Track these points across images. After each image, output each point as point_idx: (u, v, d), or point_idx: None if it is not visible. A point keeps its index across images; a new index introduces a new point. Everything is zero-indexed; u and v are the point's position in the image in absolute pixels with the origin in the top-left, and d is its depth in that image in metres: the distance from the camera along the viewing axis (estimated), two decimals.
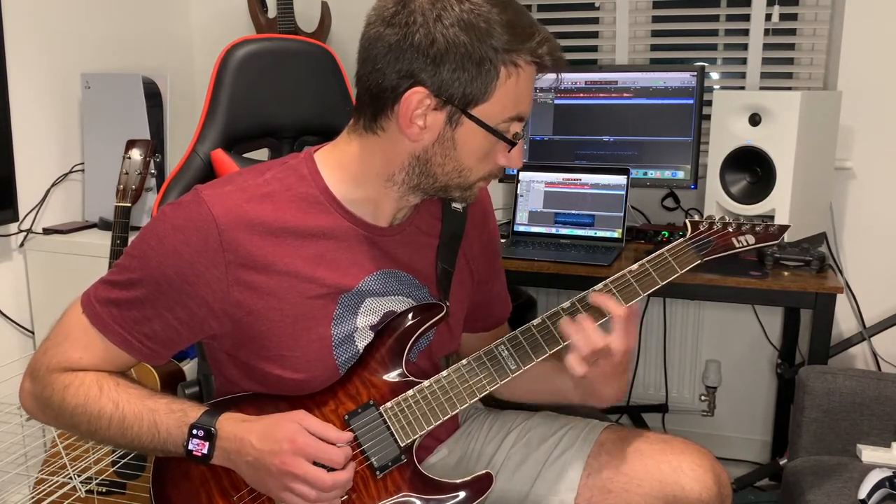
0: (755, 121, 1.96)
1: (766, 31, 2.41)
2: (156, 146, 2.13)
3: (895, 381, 1.71)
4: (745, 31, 2.44)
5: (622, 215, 2.15)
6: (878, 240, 2.30)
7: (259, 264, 1.06)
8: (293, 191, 1.09)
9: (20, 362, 2.06)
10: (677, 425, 2.60)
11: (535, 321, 1.16)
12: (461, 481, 1.12)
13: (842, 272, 2.31)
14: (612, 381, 1.14)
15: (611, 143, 2.31)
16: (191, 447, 1.04)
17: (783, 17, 2.39)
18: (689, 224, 1.25)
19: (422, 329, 1.15)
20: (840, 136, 2.12)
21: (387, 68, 1.01)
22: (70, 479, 1.76)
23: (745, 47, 2.45)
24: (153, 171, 2.09)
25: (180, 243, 1.04)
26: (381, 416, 1.11)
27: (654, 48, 2.56)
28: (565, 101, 2.35)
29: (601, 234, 2.16)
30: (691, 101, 2.22)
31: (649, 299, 2.54)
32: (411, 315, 1.15)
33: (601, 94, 2.31)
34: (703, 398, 2.57)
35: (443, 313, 1.16)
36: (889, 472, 1.50)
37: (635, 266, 1.18)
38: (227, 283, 1.05)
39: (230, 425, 1.04)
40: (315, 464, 1.00)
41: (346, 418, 1.10)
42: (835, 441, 1.72)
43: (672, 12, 2.52)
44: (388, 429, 1.10)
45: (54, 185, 2.28)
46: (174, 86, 2.38)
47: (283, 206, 1.08)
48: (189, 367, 1.86)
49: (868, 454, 1.64)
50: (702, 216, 2.18)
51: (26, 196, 2.19)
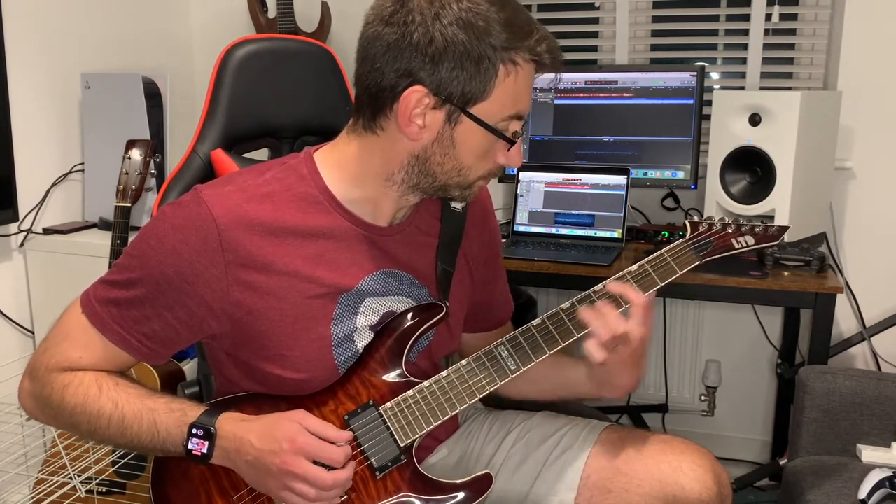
0: (755, 121, 1.96)
1: (766, 31, 2.41)
2: (156, 146, 2.13)
3: (895, 381, 1.71)
4: (745, 31, 2.44)
5: (622, 215, 2.14)
6: (878, 240, 2.30)
7: (259, 264, 1.06)
8: (293, 191, 1.09)
9: (20, 362, 2.06)
10: (677, 425, 2.60)
11: (535, 321, 1.16)
12: (461, 481, 1.12)
13: (842, 272, 2.31)
14: (630, 368, 1.14)
15: (611, 143, 2.31)
16: (190, 446, 1.04)
17: (783, 17, 2.39)
18: (688, 225, 1.25)
19: (421, 329, 1.15)
20: (840, 136, 2.12)
21: (385, 67, 1.01)
22: (70, 479, 1.76)
23: (745, 47, 2.45)
24: (153, 171, 2.09)
25: (180, 243, 1.04)
26: (381, 416, 1.11)
27: (654, 48, 2.56)
28: (565, 101, 2.35)
29: (601, 234, 2.16)
30: (691, 101, 2.22)
31: None
32: (411, 315, 1.15)
33: (601, 94, 2.31)
34: (703, 398, 2.57)
35: (442, 314, 1.16)
36: (889, 472, 1.50)
37: (635, 267, 1.18)
38: (226, 283, 1.05)
39: (229, 425, 1.04)
40: (315, 463, 1.00)
41: (346, 418, 1.10)
42: (835, 441, 1.71)
43: (672, 12, 2.52)
44: (388, 429, 1.10)
45: (54, 185, 2.28)
46: (174, 86, 2.38)
47: (283, 205, 1.08)
48: (189, 367, 1.86)
49: (868, 454, 1.64)
50: (702, 216, 2.19)
51: (26, 196, 2.19)
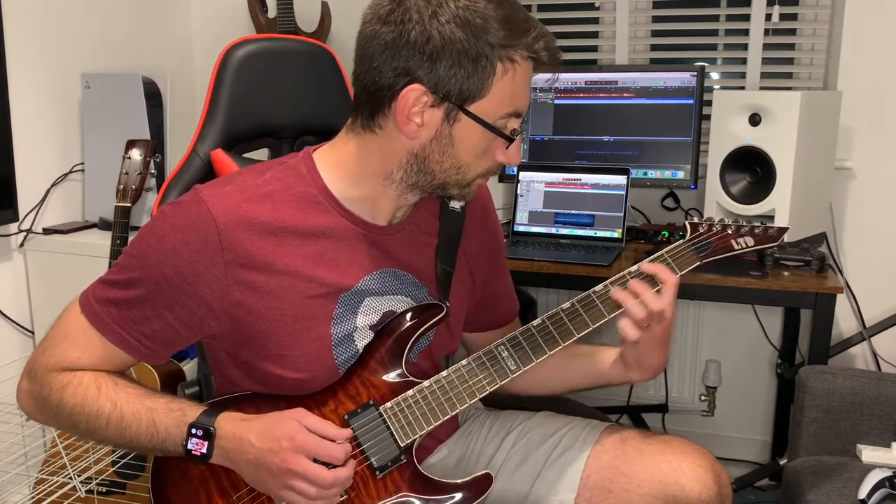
0: (755, 121, 1.95)
1: (766, 31, 2.41)
2: (156, 146, 2.13)
3: (895, 381, 1.71)
4: (745, 31, 2.44)
5: (622, 215, 2.14)
6: (878, 240, 2.30)
7: (258, 264, 1.06)
8: (292, 190, 1.09)
9: (20, 362, 2.05)
10: (677, 425, 2.60)
11: (535, 321, 1.16)
12: (461, 481, 1.12)
13: (842, 272, 2.31)
14: (661, 347, 1.16)
15: (611, 143, 2.31)
16: (189, 446, 1.04)
17: (783, 17, 2.39)
18: (688, 226, 1.25)
19: (422, 329, 1.15)
20: (840, 136, 2.12)
21: (383, 66, 1.01)
22: (70, 479, 1.76)
23: (745, 47, 2.45)
24: (153, 171, 2.09)
25: (180, 243, 1.04)
26: (381, 416, 1.11)
27: (654, 48, 2.56)
28: (565, 101, 2.35)
29: (601, 234, 2.16)
30: (691, 101, 2.22)
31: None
32: (411, 315, 1.15)
33: (601, 94, 2.31)
34: (703, 398, 2.57)
35: (443, 314, 1.16)
36: (889, 472, 1.50)
37: (634, 268, 1.17)
38: (226, 283, 1.05)
39: (229, 424, 1.04)
40: (315, 461, 1.00)
41: (346, 418, 1.10)
42: (835, 441, 1.71)
43: (672, 12, 2.52)
44: (388, 429, 1.10)
45: (54, 185, 2.28)
46: (174, 86, 2.38)
47: (283, 205, 1.08)
48: (189, 367, 1.86)
49: (868, 454, 1.64)
50: (702, 216, 2.20)
51: (26, 196, 2.19)
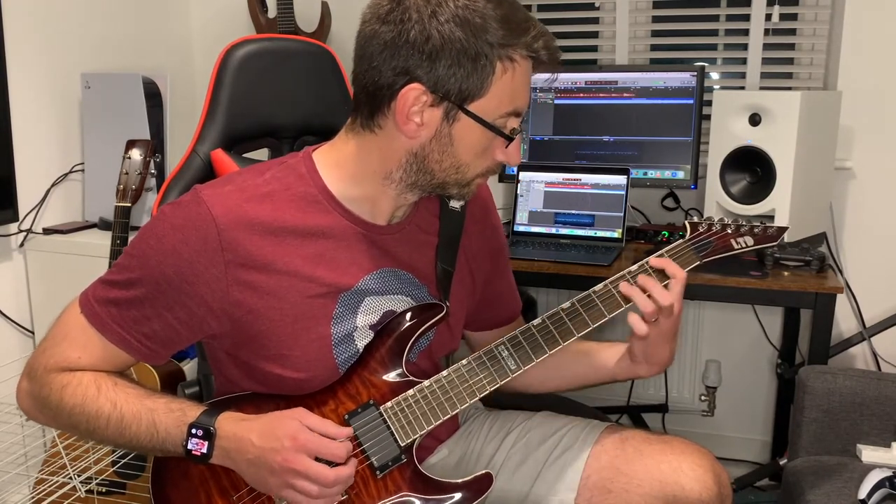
0: (755, 121, 1.95)
1: (766, 31, 2.41)
2: (156, 146, 2.13)
3: (895, 381, 1.71)
4: (745, 31, 2.44)
5: (622, 215, 2.14)
6: (878, 240, 2.30)
7: (258, 264, 1.06)
8: (292, 190, 1.09)
9: (20, 362, 2.05)
10: (677, 425, 2.60)
11: (535, 321, 1.16)
12: (461, 481, 1.12)
13: (842, 272, 2.31)
14: (669, 341, 1.18)
15: (611, 143, 2.31)
16: (190, 446, 1.04)
17: (783, 17, 2.39)
18: (688, 225, 1.25)
19: (422, 329, 1.15)
20: (840, 136, 2.12)
21: (383, 66, 1.01)
22: (70, 479, 1.76)
23: (745, 47, 2.45)
24: (153, 171, 2.09)
25: (179, 243, 1.04)
26: (381, 415, 1.11)
27: (654, 48, 2.56)
28: (565, 101, 2.35)
29: (601, 234, 2.16)
30: (691, 101, 2.22)
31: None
32: (411, 315, 1.15)
33: (601, 94, 2.31)
34: (703, 398, 2.57)
35: (443, 313, 1.16)
36: (889, 472, 1.50)
37: (635, 267, 1.18)
38: (226, 283, 1.05)
39: (229, 424, 1.04)
40: (317, 460, 1.00)
41: (346, 418, 1.10)
42: (835, 441, 1.71)
43: (672, 12, 2.52)
44: (388, 428, 1.10)
45: (54, 185, 2.28)
46: (174, 86, 2.38)
47: (283, 205, 1.08)
48: (189, 367, 1.86)
49: (868, 454, 1.64)
50: (702, 216, 2.20)
51: (26, 196, 2.19)
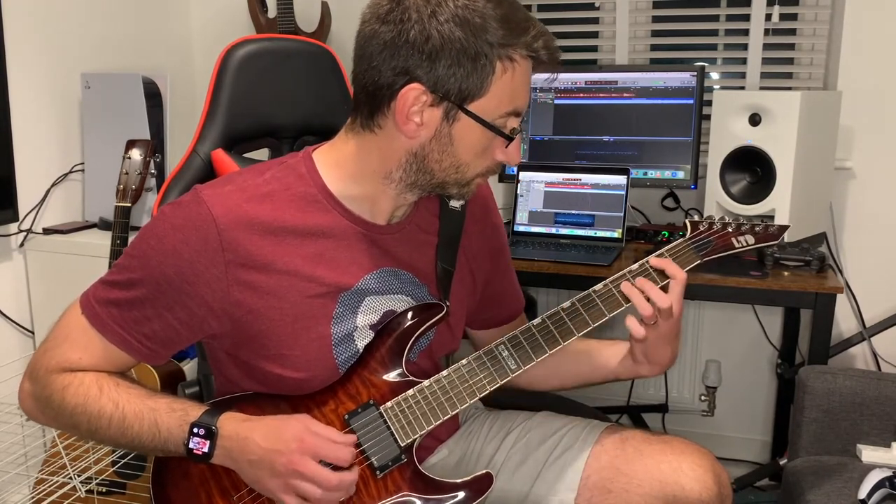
0: (755, 121, 1.96)
1: (766, 31, 2.41)
2: (156, 146, 2.13)
3: (895, 381, 1.71)
4: (745, 31, 2.44)
5: (622, 215, 2.15)
6: (878, 240, 2.30)
7: (259, 263, 1.06)
8: (292, 190, 1.09)
9: (20, 362, 2.06)
10: (677, 425, 2.60)
11: (536, 321, 1.16)
12: (461, 481, 1.12)
13: (842, 272, 2.31)
14: (670, 342, 1.17)
15: (611, 143, 2.31)
16: (191, 445, 1.04)
17: (783, 17, 2.39)
18: (688, 224, 1.25)
19: (422, 329, 1.15)
20: (840, 136, 2.12)
21: (382, 65, 1.01)
22: (70, 479, 1.76)
23: (745, 47, 2.45)
24: (153, 171, 2.09)
25: (180, 243, 1.04)
26: (381, 415, 1.11)
27: (654, 48, 2.56)
28: (565, 101, 2.35)
29: (601, 234, 2.16)
30: (691, 101, 2.22)
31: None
32: (411, 315, 1.15)
33: (601, 94, 2.31)
34: (703, 398, 2.57)
35: (443, 313, 1.16)
36: (889, 472, 1.50)
37: (635, 266, 1.18)
38: (226, 283, 1.05)
39: (232, 424, 1.04)
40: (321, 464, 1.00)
41: (346, 418, 1.10)
42: (835, 441, 1.71)
43: (672, 12, 2.52)
44: (388, 428, 1.10)
45: (54, 185, 2.28)
46: (174, 86, 2.38)
47: (283, 205, 1.08)
48: (189, 367, 1.86)
49: (868, 454, 1.64)
50: (702, 216, 2.19)
51: (26, 196, 2.19)
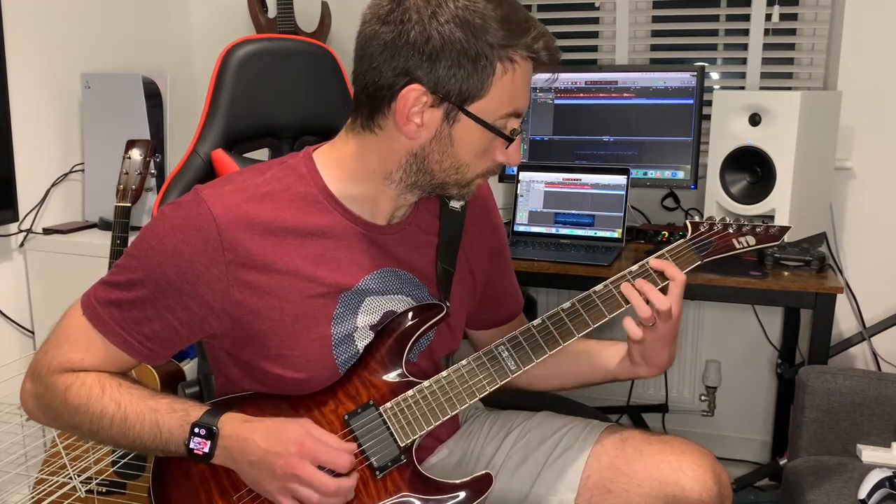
0: (755, 121, 1.96)
1: (766, 31, 2.41)
2: (156, 146, 2.13)
3: (895, 381, 1.71)
4: (745, 31, 2.44)
5: (622, 215, 2.15)
6: (878, 240, 2.30)
7: (259, 263, 1.06)
8: (292, 190, 1.09)
9: (20, 362, 2.06)
10: (677, 425, 2.60)
11: (535, 321, 1.16)
12: (461, 481, 1.12)
13: (842, 272, 2.31)
14: (668, 344, 1.17)
15: (611, 143, 2.31)
16: (192, 445, 1.04)
17: (783, 17, 2.39)
18: (689, 225, 1.25)
19: (422, 329, 1.15)
20: (840, 136, 2.12)
21: (383, 66, 1.01)
22: (70, 479, 1.76)
23: (745, 47, 2.45)
24: (153, 171, 2.09)
25: (180, 243, 1.04)
26: (381, 416, 1.11)
27: (654, 48, 2.56)
28: (565, 101, 2.35)
29: (601, 234, 2.16)
30: (691, 101, 2.22)
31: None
32: (411, 315, 1.15)
33: (601, 94, 2.31)
34: (703, 398, 2.57)
35: (443, 313, 1.16)
36: (889, 472, 1.50)
37: (635, 266, 1.18)
38: (227, 283, 1.05)
39: (232, 424, 1.04)
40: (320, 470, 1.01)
41: (346, 418, 1.10)
42: (835, 441, 1.71)
43: (672, 12, 2.52)
44: (388, 429, 1.10)
45: (54, 185, 2.28)
46: (174, 86, 2.38)
47: (283, 205, 1.08)
48: (189, 367, 1.86)
49: (868, 454, 1.64)
50: (702, 216, 2.19)
51: (26, 196, 2.19)
